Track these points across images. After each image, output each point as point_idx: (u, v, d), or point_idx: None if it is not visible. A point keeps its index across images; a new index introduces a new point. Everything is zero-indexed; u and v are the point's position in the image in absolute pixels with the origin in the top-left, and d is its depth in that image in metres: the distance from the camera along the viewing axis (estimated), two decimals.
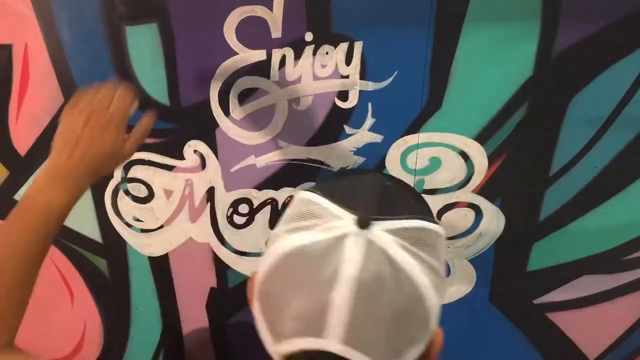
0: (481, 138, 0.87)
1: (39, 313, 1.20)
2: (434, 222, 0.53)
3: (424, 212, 0.55)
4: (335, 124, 0.89)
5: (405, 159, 0.91)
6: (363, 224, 0.48)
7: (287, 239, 0.51)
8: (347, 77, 0.86)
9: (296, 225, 0.52)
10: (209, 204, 1.00)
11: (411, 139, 0.89)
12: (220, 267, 1.06)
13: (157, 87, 0.90)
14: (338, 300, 0.45)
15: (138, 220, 1.03)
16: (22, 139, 0.99)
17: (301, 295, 0.47)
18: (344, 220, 0.49)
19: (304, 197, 0.54)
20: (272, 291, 0.50)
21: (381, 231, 0.48)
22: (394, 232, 0.49)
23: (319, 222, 0.50)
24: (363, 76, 0.85)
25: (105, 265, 1.10)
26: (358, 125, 0.89)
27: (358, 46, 0.83)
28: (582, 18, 0.77)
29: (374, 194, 0.54)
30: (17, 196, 1.05)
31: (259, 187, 0.97)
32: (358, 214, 0.50)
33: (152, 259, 1.07)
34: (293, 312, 0.47)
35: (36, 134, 0.98)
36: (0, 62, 0.92)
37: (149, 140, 0.95)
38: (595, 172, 0.87)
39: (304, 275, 0.48)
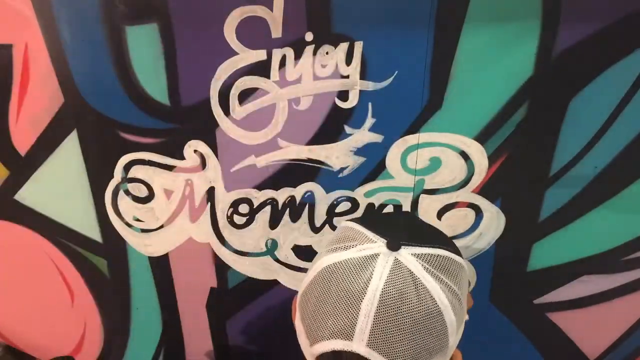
0: (481, 138, 0.87)
1: (39, 313, 1.21)
2: (459, 255, 0.61)
3: (450, 246, 0.61)
4: (335, 123, 0.89)
5: (405, 158, 0.91)
6: (393, 246, 0.56)
7: (327, 257, 0.59)
8: (347, 77, 0.86)
9: (336, 246, 0.60)
10: (209, 204, 1.00)
11: (411, 139, 0.89)
12: (220, 266, 1.06)
13: (157, 87, 0.90)
14: (366, 309, 0.53)
15: (138, 220, 1.03)
16: (23, 139, 0.99)
17: (335, 303, 0.55)
18: (377, 242, 0.58)
19: (345, 225, 0.64)
20: (311, 299, 0.58)
21: (408, 254, 0.56)
22: (420, 256, 0.57)
23: (355, 243, 0.59)
24: (363, 76, 0.85)
25: (105, 265, 1.10)
26: (358, 125, 0.89)
27: (358, 46, 0.83)
28: (582, 18, 0.77)
29: (406, 226, 0.63)
30: (17, 196, 1.05)
31: (259, 187, 0.97)
32: (389, 239, 0.57)
33: (152, 259, 1.07)
34: (327, 317, 0.56)
35: (36, 134, 0.98)
36: (0, 62, 0.92)
37: (149, 141, 0.95)
38: (595, 172, 0.87)
39: (339, 286, 0.56)
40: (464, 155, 0.89)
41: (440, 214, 0.94)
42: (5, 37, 0.91)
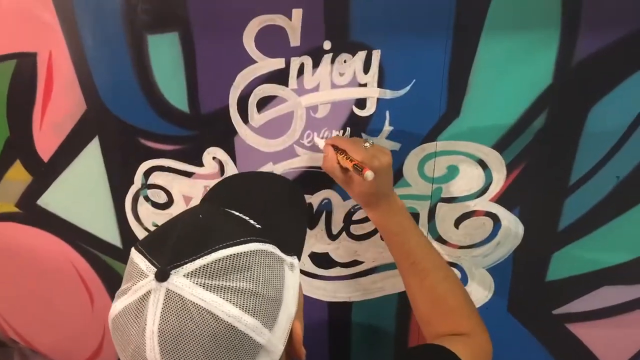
0: (499, 146, 0.87)
1: (60, 317, 1.22)
2: (247, 241, 0.55)
3: (243, 234, 0.57)
4: (353, 132, 0.90)
5: (422, 167, 0.91)
6: (161, 277, 0.51)
7: (113, 307, 0.56)
8: (365, 85, 0.86)
9: (121, 289, 0.56)
10: None
11: (429, 147, 0.89)
12: None
13: (177, 95, 0.91)
14: (151, 357, 0.50)
15: (157, 226, 1.04)
16: (46, 145, 1.01)
17: (130, 357, 0.52)
18: (148, 277, 0.52)
19: (131, 254, 0.58)
20: (116, 348, 0.56)
21: (179, 277, 0.51)
22: (192, 274, 0.51)
23: (131, 284, 0.54)
24: (381, 84, 0.86)
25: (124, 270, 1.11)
26: (376, 133, 0.89)
27: (376, 54, 0.84)
28: (603, 25, 0.77)
29: (182, 236, 0.56)
30: (40, 201, 1.07)
31: None
32: (159, 266, 0.52)
33: None
34: None
35: (59, 140, 0.99)
36: (25, 70, 0.94)
37: (169, 147, 0.96)
38: (616, 182, 0.86)
39: (124, 340, 0.53)
40: (482, 164, 0.89)
41: (457, 223, 0.94)
42: (31, 46, 0.93)
